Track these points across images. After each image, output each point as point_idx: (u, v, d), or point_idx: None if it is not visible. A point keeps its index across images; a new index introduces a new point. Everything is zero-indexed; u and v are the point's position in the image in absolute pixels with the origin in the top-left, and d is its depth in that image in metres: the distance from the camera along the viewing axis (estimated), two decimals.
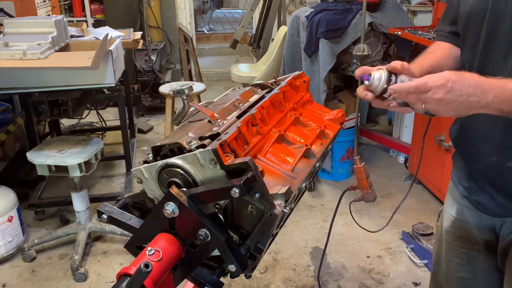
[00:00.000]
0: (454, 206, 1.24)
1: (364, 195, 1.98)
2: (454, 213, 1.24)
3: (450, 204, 1.26)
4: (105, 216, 1.01)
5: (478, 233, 1.18)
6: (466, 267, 1.26)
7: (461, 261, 1.26)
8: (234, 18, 8.84)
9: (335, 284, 2.38)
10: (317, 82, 3.25)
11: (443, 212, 1.33)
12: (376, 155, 3.88)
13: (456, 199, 1.23)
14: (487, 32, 1.01)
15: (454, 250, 1.27)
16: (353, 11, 3.09)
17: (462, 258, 1.25)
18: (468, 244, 1.22)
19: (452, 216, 1.25)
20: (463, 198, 1.19)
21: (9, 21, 2.70)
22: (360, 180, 1.93)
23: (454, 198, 1.24)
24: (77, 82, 2.56)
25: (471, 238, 1.21)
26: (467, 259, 1.24)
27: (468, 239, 1.22)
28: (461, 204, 1.21)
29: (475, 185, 1.13)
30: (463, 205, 1.20)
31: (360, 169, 1.91)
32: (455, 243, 1.26)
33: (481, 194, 1.11)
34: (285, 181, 1.00)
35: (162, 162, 0.95)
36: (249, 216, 0.94)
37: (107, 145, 4.01)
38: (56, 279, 2.44)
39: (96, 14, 5.24)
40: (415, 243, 2.57)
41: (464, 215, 1.21)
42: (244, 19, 4.87)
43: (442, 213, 1.34)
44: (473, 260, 1.23)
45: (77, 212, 2.61)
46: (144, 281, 0.78)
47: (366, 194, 1.97)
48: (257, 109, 1.13)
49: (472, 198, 1.15)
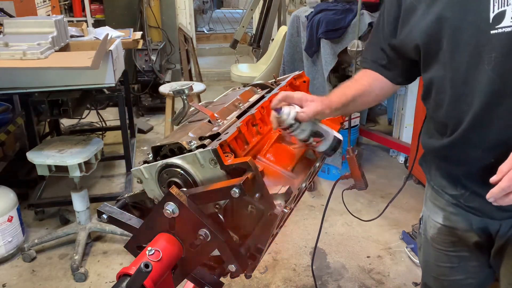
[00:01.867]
0: (439, 213, 1.24)
1: (356, 183, 2.05)
2: (440, 220, 1.24)
3: (434, 212, 1.26)
4: (105, 216, 1.01)
5: (469, 236, 1.19)
6: (458, 269, 1.26)
7: (452, 264, 1.26)
8: (234, 18, 8.84)
9: (335, 284, 2.38)
10: (320, 82, 3.25)
11: (425, 220, 1.33)
12: (376, 155, 3.88)
13: (441, 207, 1.23)
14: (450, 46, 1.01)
15: (444, 255, 1.27)
16: (353, 11, 3.09)
17: (453, 262, 1.26)
18: (458, 248, 1.23)
19: (438, 223, 1.25)
20: (451, 205, 1.19)
21: (9, 21, 2.70)
22: (352, 169, 2.01)
23: (439, 206, 1.24)
24: (77, 82, 2.56)
25: (461, 241, 1.21)
26: (458, 261, 1.25)
27: (458, 242, 1.22)
28: (447, 211, 1.21)
29: (466, 191, 1.12)
30: (450, 211, 1.20)
31: (352, 158, 1.99)
32: (444, 249, 1.26)
33: (476, 199, 1.10)
34: (285, 181, 1.00)
35: (162, 162, 0.95)
36: (249, 216, 0.94)
37: (107, 145, 4.01)
38: (56, 279, 2.44)
39: (96, 14, 5.25)
40: (415, 243, 2.57)
41: (452, 221, 1.21)
42: (244, 19, 4.88)
43: (424, 221, 1.34)
44: (465, 261, 1.24)
45: (77, 212, 2.61)
46: (144, 281, 0.78)
47: (357, 182, 2.05)
48: (257, 109, 1.13)
49: (464, 204, 1.14)
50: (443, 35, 1.00)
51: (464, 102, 1.00)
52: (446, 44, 1.00)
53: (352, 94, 1.17)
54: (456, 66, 0.99)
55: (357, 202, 3.09)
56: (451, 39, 0.98)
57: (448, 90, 1.03)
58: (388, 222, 2.87)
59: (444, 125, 1.08)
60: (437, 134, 1.13)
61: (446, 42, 0.99)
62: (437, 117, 1.10)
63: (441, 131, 1.10)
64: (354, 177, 2.03)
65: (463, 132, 1.02)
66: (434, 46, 1.02)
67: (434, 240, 1.28)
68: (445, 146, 1.08)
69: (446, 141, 1.07)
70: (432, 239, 1.29)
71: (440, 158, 1.17)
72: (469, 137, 1.02)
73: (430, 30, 1.02)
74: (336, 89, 1.19)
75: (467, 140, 1.03)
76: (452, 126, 1.05)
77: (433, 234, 1.28)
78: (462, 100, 1.00)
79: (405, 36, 1.09)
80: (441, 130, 1.09)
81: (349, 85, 1.20)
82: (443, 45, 1.00)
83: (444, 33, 0.99)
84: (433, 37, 1.02)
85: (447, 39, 0.99)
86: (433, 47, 1.03)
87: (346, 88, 1.19)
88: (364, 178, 2.04)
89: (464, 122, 1.00)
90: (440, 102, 1.06)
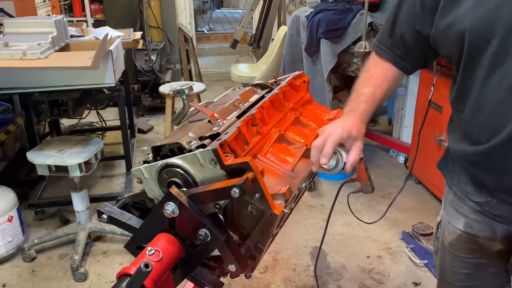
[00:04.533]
0: (461, 219, 1.20)
1: (362, 186, 2.03)
2: (461, 226, 1.20)
3: (454, 218, 1.22)
4: (105, 216, 1.01)
5: (491, 244, 1.15)
6: (474, 275, 1.23)
7: (469, 271, 1.23)
8: (234, 18, 8.84)
9: (335, 284, 2.38)
10: (320, 82, 3.25)
11: (443, 225, 1.29)
12: (376, 155, 3.88)
13: (464, 214, 1.18)
14: (493, 55, 0.94)
15: (461, 262, 1.24)
16: (353, 11, 3.09)
17: (470, 268, 1.23)
18: (477, 255, 1.20)
19: (459, 229, 1.21)
20: (475, 212, 1.14)
21: (9, 21, 2.70)
22: (359, 172, 2.00)
23: (461, 213, 1.19)
24: (77, 82, 2.56)
25: (481, 249, 1.18)
26: (476, 268, 1.22)
27: (478, 250, 1.19)
28: (469, 218, 1.17)
29: (493, 199, 1.08)
30: (473, 219, 1.16)
31: (359, 161, 1.98)
32: (462, 255, 1.23)
33: (503, 207, 1.07)
34: (285, 181, 1.00)
35: (162, 162, 0.95)
36: (249, 216, 0.94)
37: (107, 145, 4.01)
38: (56, 279, 2.44)
39: (96, 14, 5.25)
40: (415, 243, 2.57)
41: (474, 228, 1.17)
42: (244, 19, 4.87)
43: (442, 226, 1.30)
44: (482, 268, 1.21)
45: (77, 212, 2.61)
46: (144, 281, 0.78)
47: (364, 185, 2.03)
48: (257, 109, 1.13)
49: (489, 212, 1.11)
50: (494, 35, 0.92)
51: (509, 108, 0.94)
52: (495, 46, 0.93)
53: (381, 96, 1.16)
54: (505, 71, 0.93)
55: (357, 202, 3.09)
56: (504, 41, 0.91)
57: (491, 95, 0.96)
58: (388, 222, 2.87)
59: (481, 131, 1.01)
60: (469, 139, 1.06)
61: (497, 44, 0.92)
62: (473, 122, 1.03)
63: (475, 136, 1.03)
64: (360, 180, 2.01)
65: (503, 140, 0.96)
66: (481, 46, 0.94)
67: (452, 246, 1.24)
68: (479, 153, 1.02)
69: (482, 148, 1.01)
70: (450, 245, 1.25)
71: (470, 164, 1.10)
72: (509, 146, 0.96)
73: (479, 29, 0.94)
74: (361, 96, 1.16)
75: (507, 149, 0.97)
76: (490, 132, 0.99)
77: (451, 240, 1.24)
78: (506, 106, 0.94)
79: (443, 29, 1.01)
80: (476, 135, 1.03)
81: (374, 85, 1.18)
82: (491, 46, 0.93)
83: (496, 33, 0.92)
84: (481, 36, 0.94)
85: (498, 41, 0.92)
86: (479, 47, 0.95)
87: (373, 92, 1.17)
88: (371, 181, 2.01)
89: (506, 130, 0.95)
90: (480, 106, 1.00)
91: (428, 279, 2.39)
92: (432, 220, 2.78)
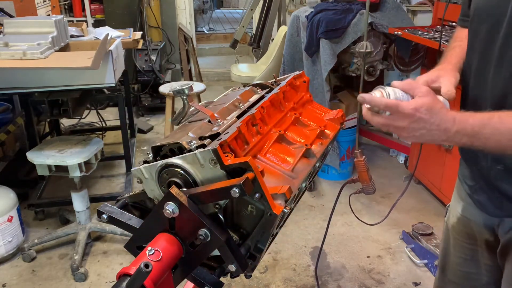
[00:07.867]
0: (460, 203, 1.26)
1: (364, 187, 2.02)
2: (460, 210, 1.26)
3: (456, 201, 1.29)
4: (105, 216, 1.01)
5: (480, 231, 1.20)
6: (471, 262, 1.28)
7: (467, 256, 1.28)
8: (234, 18, 8.84)
9: (335, 284, 2.38)
10: (320, 82, 3.25)
11: (450, 208, 1.35)
12: (376, 155, 3.88)
13: (462, 197, 1.25)
14: (487, 32, 1.02)
15: (460, 245, 1.29)
16: (353, 11, 3.09)
17: (467, 254, 1.28)
18: (472, 241, 1.25)
19: (458, 213, 1.27)
20: (467, 196, 1.21)
21: (9, 21, 2.70)
22: (361, 173, 1.99)
23: (460, 196, 1.26)
24: (77, 82, 2.56)
25: (474, 236, 1.23)
26: (471, 255, 1.27)
27: (472, 236, 1.24)
28: (465, 202, 1.23)
29: (476, 184, 1.15)
30: (468, 202, 1.22)
31: (361, 162, 1.97)
32: (461, 239, 1.28)
33: (481, 194, 1.13)
34: (285, 181, 1.00)
35: (162, 162, 0.95)
36: (249, 216, 0.94)
37: (107, 145, 4.02)
38: (56, 279, 2.44)
39: (96, 14, 5.25)
40: (415, 243, 2.57)
41: (468, 212, 1.23)
42: (244, 19, 4.88)
43: (449, 209, 1.36)
44: (477, 257, 1.25)
45: (77, 212, 2.61)
46: (144, 281, 0.78)
47: (366, 186, 2.02)
48: (257, 109, 1.12)
49: (474, 197, 1.17)
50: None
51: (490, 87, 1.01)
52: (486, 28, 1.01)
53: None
54: (486, 58, 1.01)
55: (357, 202, 3.09)
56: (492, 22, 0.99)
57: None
58: (388, 222, 2.86)
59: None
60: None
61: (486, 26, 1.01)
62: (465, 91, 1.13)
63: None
64: (362, 181, 2.00)
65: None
66: (480, 25, 1.05)
67: (453, 228, 1.30)
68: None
69: None
70: (452, 228, 1.31)
71: (463, 148, 1.19)
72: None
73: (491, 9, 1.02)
74: (447, 60, 1.18)
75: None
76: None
77: (453, 222, 1.30)
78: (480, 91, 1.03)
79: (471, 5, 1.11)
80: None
81: (461, 45, 1.20)
82: (483, 27, 1.02)
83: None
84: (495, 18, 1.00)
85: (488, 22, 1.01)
86: (478, 25, 1.05)
87: (455, 56, 1.19)
88: (373, 182, 2.01)
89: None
90: (464, 89, 1.09)
91: (428, 279, 2.39)
92: (432, 220, 2.78)
